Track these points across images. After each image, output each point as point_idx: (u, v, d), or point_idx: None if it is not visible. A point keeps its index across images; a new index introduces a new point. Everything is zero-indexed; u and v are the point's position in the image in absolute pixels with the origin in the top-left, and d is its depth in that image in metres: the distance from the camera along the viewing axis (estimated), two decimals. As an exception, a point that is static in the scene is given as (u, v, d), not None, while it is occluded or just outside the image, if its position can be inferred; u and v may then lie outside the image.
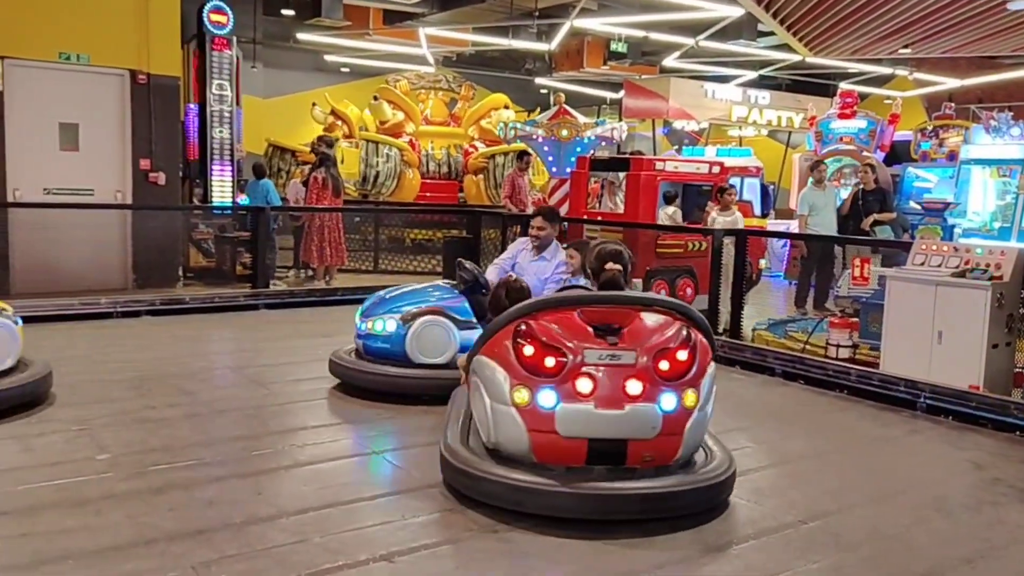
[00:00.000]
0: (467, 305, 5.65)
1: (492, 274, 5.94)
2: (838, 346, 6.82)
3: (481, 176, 15.61)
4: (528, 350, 3.63)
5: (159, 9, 9.92)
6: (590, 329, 3.70)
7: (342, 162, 13.81)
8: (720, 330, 7.47)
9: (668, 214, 9.86)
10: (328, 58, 19.27)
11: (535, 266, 5.92)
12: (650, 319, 3.81)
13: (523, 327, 3.70)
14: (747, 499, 4.01)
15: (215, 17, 10.88)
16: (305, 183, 11.54)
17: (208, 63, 10.93)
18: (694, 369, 3.70)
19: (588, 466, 3.62)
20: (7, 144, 9.12)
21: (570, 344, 3.61)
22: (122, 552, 3.22)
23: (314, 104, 16.32)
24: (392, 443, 4.82)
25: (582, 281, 5.66)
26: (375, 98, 15.76)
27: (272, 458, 4.41)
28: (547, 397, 3.56)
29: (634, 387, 3.55)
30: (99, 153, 9.76)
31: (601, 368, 3.58)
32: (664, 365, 3.63)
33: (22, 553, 3.18)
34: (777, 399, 6.21)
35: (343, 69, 20.42)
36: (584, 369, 3.56)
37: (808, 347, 7.06)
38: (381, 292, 6.04)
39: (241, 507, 3.68)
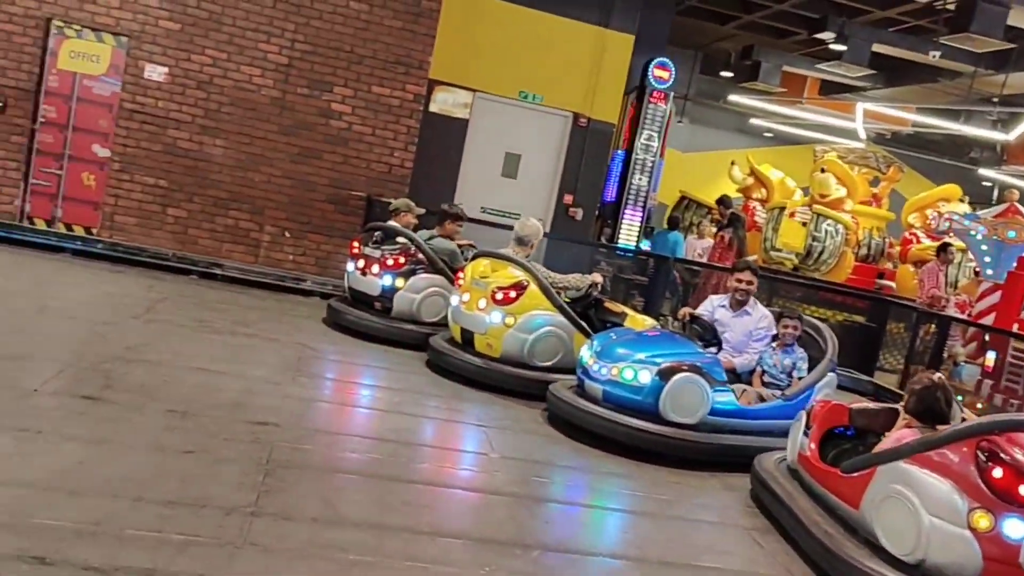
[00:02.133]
0: (720, 366, 5.38)
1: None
2: None
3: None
4: (998, 472, 3.36)
5: (611, 60, 10.71)
6: None
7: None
8: None
9: None
10: (753, 121, 19.30)
11: (739, 322, 5.93)
12: None
13: (987, 445, 3.41)
14: None
15: (658, 72, 11.44)
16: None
17: (643, 114, 11.53)
18: None
19: None
20: (463, 165, 10.47)
21: None
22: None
23: (733, 163, 16.34)
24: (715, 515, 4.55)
25: (800, 351, 5.72)
26: (822, 170, 15.12)
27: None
28: (1015, 527, 3.32)
29: None
30: (532, 183, 10.79)
31: None
32: None
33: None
34: None
35: (766, 134, 20.30)
36: None
37: None
38: (610, 332, 5.77)
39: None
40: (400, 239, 7.27)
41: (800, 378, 5.64)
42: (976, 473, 3.39)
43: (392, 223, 7.54)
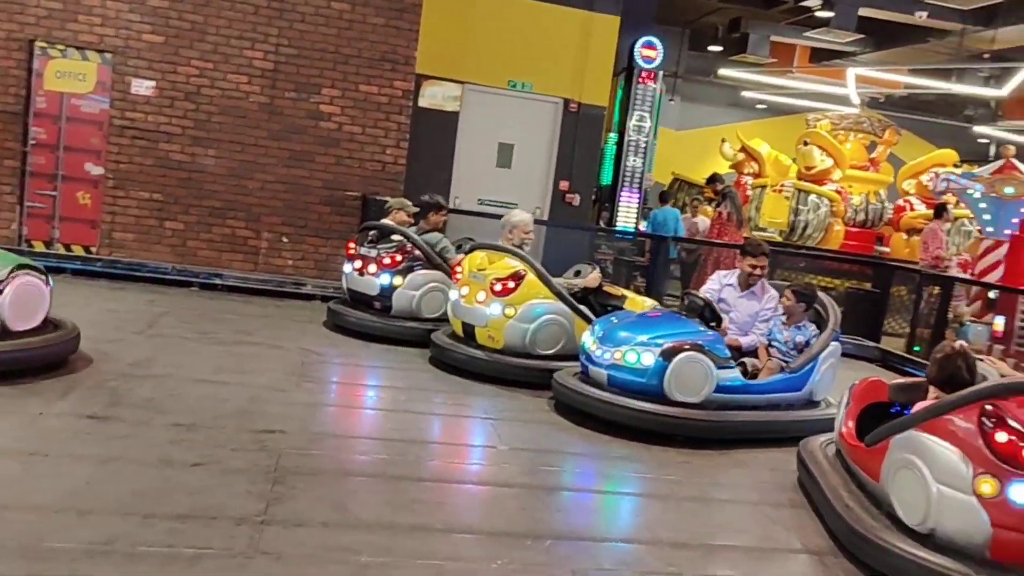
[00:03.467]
0: (723, 344, 5.34)
1: None
2: None
3: (916, 237, 14.26)
4: (1001, 436, 3.34)
5: (598, 43, 10.66)
6: None
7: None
8: None
9: None
10: (745, 94, 19.21)
11: (745, 303, 5.94)
12: None
13: (991, 409, 3.39)
14: None
15: (646, 52, 11.39)
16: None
17: (632, 95, 11.49)
18: None
19: None
20: (456, 158, 10.45)
21: None
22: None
23: (723, 140, 16.30)
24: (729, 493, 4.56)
25: (812, 328, 5.67)
26: (805, 143, 15.11)
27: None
28: (1021, 492, 3.27)
29: None
30: (527, 172, 10.77)
31: None
32: None
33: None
34: None
35: (759, 106, 20.20)
36: None
37: None
38: (610, 317, 5.74)
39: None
40: (395, 237, 7.27)
41: None
42: (980, 438, 3.36)
43: (385, 221, 7.54)
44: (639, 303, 6.53)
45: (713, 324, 5.53)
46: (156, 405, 4.63)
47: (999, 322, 8.41)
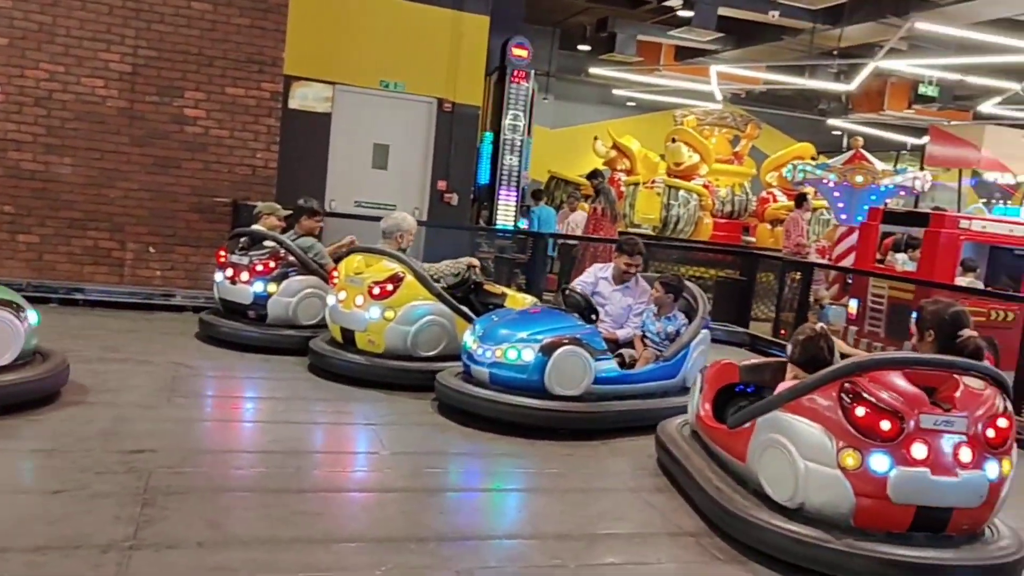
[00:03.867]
0: (599, 336, 5.52)
1: None
2: None
3: (780, 228, 14.99)
4: (860, 411, 3.56)
5: (469, 43, 10.71)
6: (923, 393, 3.61)
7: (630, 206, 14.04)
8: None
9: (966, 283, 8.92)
10: (616, 92, 19.69)
11: (620, 296, 6.10)
12: (972, 384, 3.72)
13: (850, 386, 3.62)
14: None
15: (517, 51, 11.53)
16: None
17: (506, 94, 11.60)
18: (1010, 437, 3.67)
19: (909, 533, 3.56)
20: (330, 160, 10.28)
21: (906, 408, 3.54)
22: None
23: (596, 138, 16.70)
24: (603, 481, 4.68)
25: (681, 317, 5.86)
26: (673, 140, 15.66)
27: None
28: (880, 462, 3.51)
29: (967, 455, 3.54)
30: (404, 172, 10.71)
31: (935, 434, 3.54)
32: (991, 433, 3.60)
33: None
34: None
35: (629, 103, 20.76)
36: (921, 434, 3.52)
37: None
38: (491, 315, 5.83)
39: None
40: (268, 243, 7.08)
41: None
42: (841, 414, 3.58)
43: (256, 227, 7.34)
44: (520, 300, 6.60)
45: (594, 316, 5.66)
46: (10, 432, 4.35)
47: (853, 305, 8.94)
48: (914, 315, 4.24)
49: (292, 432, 4.96)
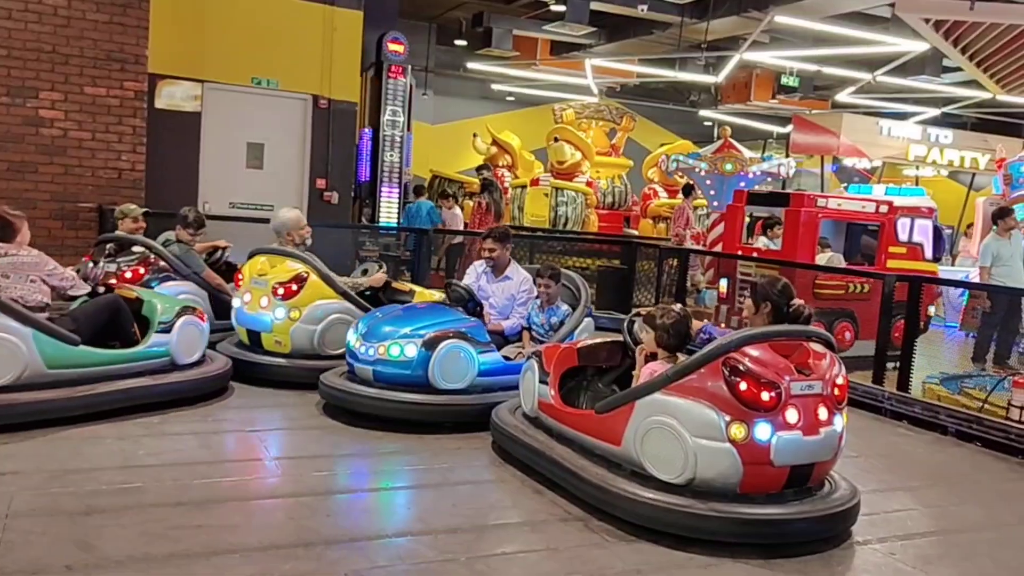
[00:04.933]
0: (483, 329, 5.59)
1: None
2: (1023, 408, 6.26)
3: (663, 225, 15.43)
4: (743, 385, 3.75)
5: (343, 38, 10.55)
6: (788, 362, 3.89)
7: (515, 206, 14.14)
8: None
9: (826, 258, 9.44)
10: (495, 87, 19.81)
11: (500, 287, 6.12)
12: (816, 349, 4.07)
13: (731, 361, 3.80)
14: (912, 566, 3.74)
15: (392, 46, 11.44)
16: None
17: (384, 90, 11.48)
18: (847, 393, 4.10)
19: (783, 491, 3.86)
20: (201, 160, 9.93)
21: (780, 377, 3.79)
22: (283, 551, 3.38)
23: (475, 135, 16.76)
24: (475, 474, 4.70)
25: (564, 308, 5.93)
26: (555, 139, 15.84)
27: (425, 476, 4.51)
28: (763, 430, 3.75)
29: (823, 413, 3.88)
30: (280, 171, 10.45)
31: (803, 398, 3.83)
32: (836, 392, 3.97)
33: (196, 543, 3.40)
34: (949, 460, 5.76)
35: (509, 98, 20.93)
36: (792, 400, 3.79)
37: (987, 406, 6.53)
38: (375, 312, 5.77)
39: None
40: (136, 248, 6.76)
41: None
42: (726, 389, 3.76)
43: (120, 232, 6.97)
44: (428, 296, 6.57)
45: (478, 309, 5.68)
46: None
47: (723, 284, 9.32)
48: (748, 292, 4.57)
49: (169, 444, 4.77)
